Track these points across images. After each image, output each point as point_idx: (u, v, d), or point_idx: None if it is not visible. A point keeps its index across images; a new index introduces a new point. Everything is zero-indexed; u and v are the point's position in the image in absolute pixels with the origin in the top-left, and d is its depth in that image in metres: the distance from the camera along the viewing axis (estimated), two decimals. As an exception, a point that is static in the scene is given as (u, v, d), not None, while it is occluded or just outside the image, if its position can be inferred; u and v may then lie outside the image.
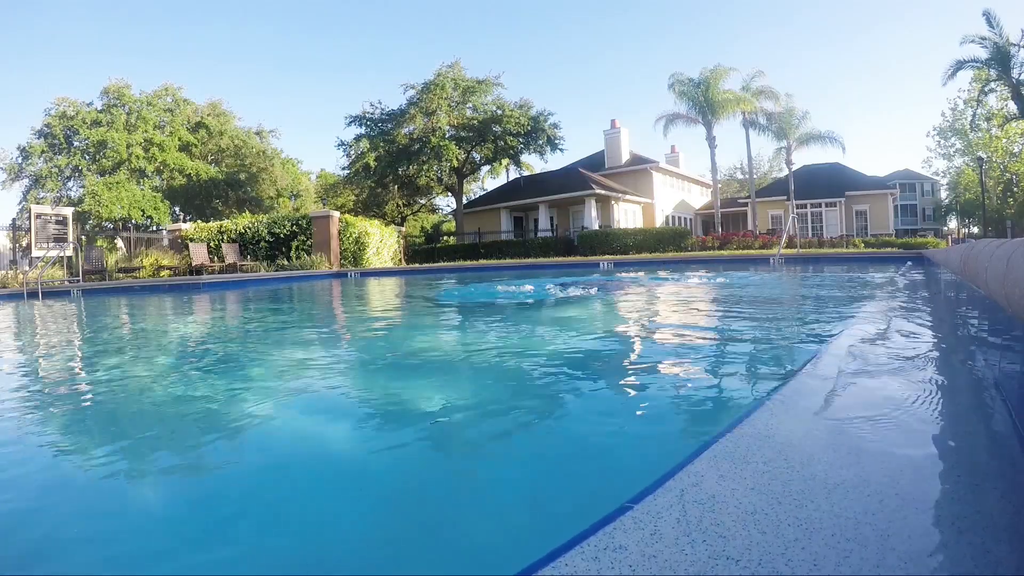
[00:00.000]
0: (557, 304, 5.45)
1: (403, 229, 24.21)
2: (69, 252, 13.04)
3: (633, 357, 2.77)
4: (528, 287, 7.38)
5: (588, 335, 3.58)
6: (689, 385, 2.09)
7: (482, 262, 18.91)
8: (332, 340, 3.97)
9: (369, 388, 2.41)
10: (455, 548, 1.03)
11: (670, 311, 4.66)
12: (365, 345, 3.67)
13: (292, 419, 1.92)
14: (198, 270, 13.34)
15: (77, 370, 3.13)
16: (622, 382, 2.22)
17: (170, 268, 14.35)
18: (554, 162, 42.00)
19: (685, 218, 35.21)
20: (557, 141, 28.33)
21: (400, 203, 35.07)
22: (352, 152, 29.29)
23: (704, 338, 3.21)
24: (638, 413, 1.82)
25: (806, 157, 34.05)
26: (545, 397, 2.08)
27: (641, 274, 10.23)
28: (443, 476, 1.40)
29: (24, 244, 16.03)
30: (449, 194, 33.33)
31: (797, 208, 29.90)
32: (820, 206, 33.40)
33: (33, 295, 9.59)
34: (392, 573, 0.97)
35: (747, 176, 37.39)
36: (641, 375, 2.32)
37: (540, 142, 28.09)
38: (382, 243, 17.93)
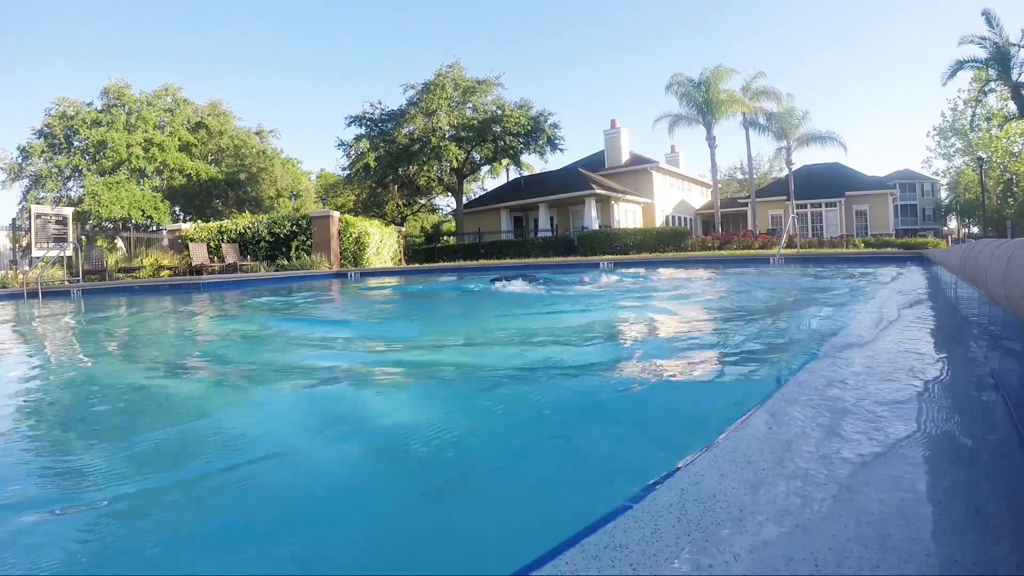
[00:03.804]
0: (555, 303, 5.45)
1: (403, 229, 24.20)
2: (69, 252, 13.03)
3: (631, 356, 2.77)
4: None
5: (586, 334, 3.58)
6: (688, 385, 2.09)
7: (482, 262, 18.91)
8: (331, 338, 3.97)
9: (366, 387, 2.40)
10: (453, 549, 1.03)
11: (669, 310, 4.66)
12: (362, 343, 3.67)
13: (294, 416, 1.92)
14: (198, 270, 13.33)
15: (77, 370, 3.13)
16: (620, 381, 2.22)
17: (170, 268, 14.34)
18: (554, 162, 42.03)
19: (685, 218, 35.20)
20: (557, 141, 28.34)
21: (400, 203, 35.07)
22: (352, 152, 29.28)
23: (703, 337, 3.21)
24: (636, 412, 1.82)
25: (806, 157, 34.12)
26: (542, 396, 2.08)
27: (642, 271, 10.23)
28: (444, 475, 1.40)
29: (24, 244, 16.03)
30: (449, 194, 33.32)
31: (797, 208, 29.90)
32: (820, 206, 33.39)
33: (33, 295, 9.59)
34: (394, 573, 0.97)
35: (747, 176, 37.39)
36: (639, 374, 2.32)
37: (540, 142, 28.08)
38: (382, 243, 17.93)
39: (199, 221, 19.51)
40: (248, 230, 15.59)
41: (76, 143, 25.92)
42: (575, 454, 1.46)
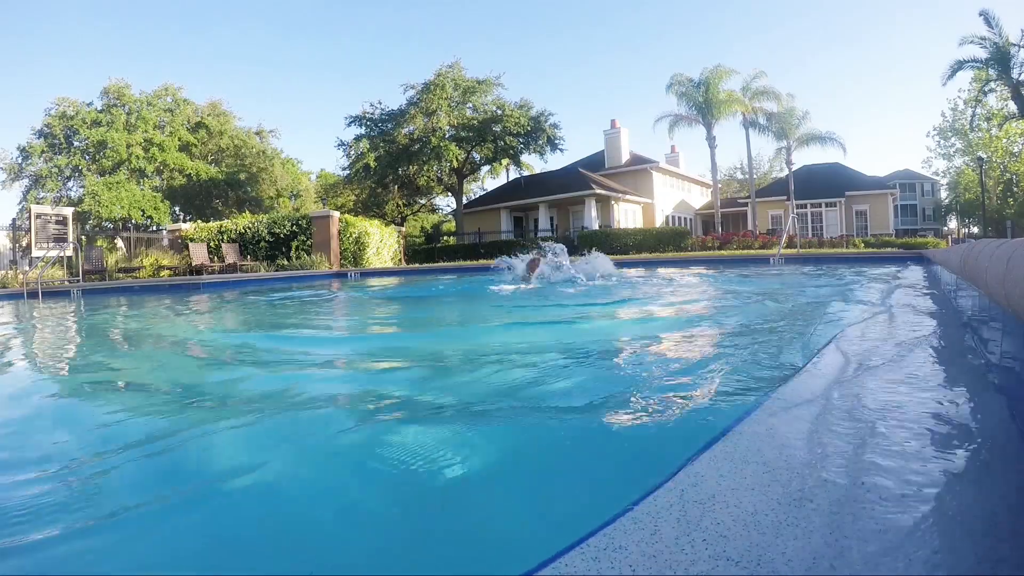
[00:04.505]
0: (554, 300, 5.45)
1: (403, 229, 24.21)
2: (69, 252, 13.04)
3: (629, 355, 2.77)
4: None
5: (585, 332, 3.58)
6: (688, 384, 2.09)
7: (482, 262, 18.91)
8: (332, 336, 3.97)
9: (365, 382, 2.40)
10: (450, 549, 1.03)
11: (668, 310, 4.66)
12: (361, 339, 3.67)
13: (296, 414, 1.92)
14: (198, 270, 13.33)
15: (77, 370, 3.13)
16: (618, 380, 2.22)
17: (170, 268, 14.34)
18: (554, 162, 42.03)
19: (685, 218, 35.20)
20: (557, 141, 28.36)
21: (400, 203, 35.07)
22: (352, 152, 29.31)
23: (702, 337, 3.21)
24: (634, 412, 1.82)
25: (806, 157, 34.14)
26: (539, 396, 2.08)
27: (640, 271, 10.24)
28: (443, 475, 1.40)
29: (24, 244, 16.03)
30: (449, 194, 33.34)
31: (797, 208, 29.91)
32: (820, 206, 33.40)
33: (33, 295, 9.59)
34: (394, 573, 0.97)
35: (747, 176, 37.40)
36: (638, 373, 2.32)
37: (540, 142, 28.10)
38: (382, 243, 17.93)
39: (199, 221, 19.51)
40: (248, 230, 15.59)
41: (76, 143, 25.94)
42: (577, 455, 1.46)
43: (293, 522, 1.15)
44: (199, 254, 13.84)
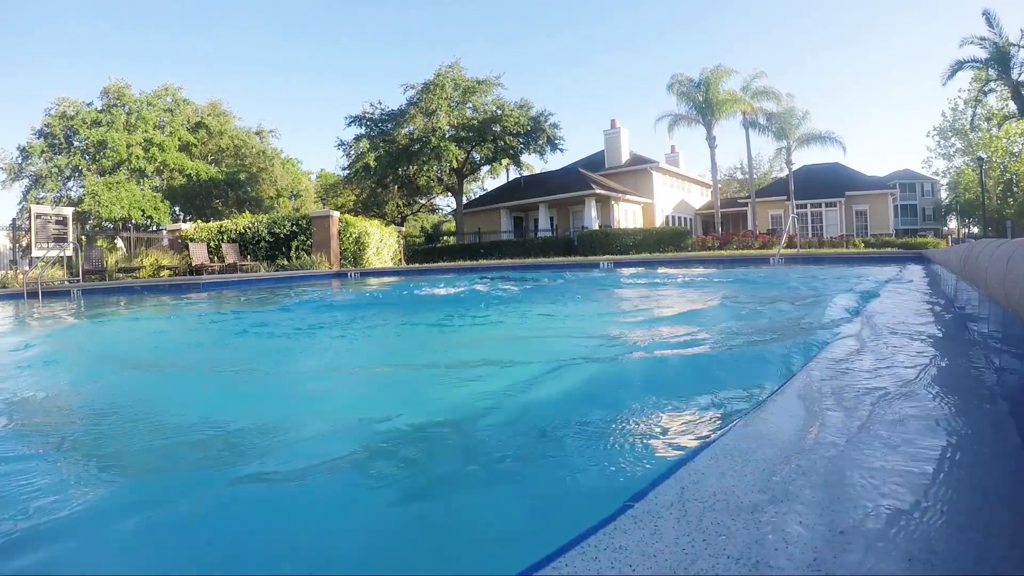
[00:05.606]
0: (554, 301, 5.45)
1: (403, 229, 24.19)
2: (69, 252, 13.02)
3: (631, 356, 2.77)
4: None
5: (585, 333, 3.58)
6: (689, 384, 2.09)
7: (482, 262, 18.90)
8: (334, 336, 3.97)
9: (362, 383, 2.40)
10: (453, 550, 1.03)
11: (669, 310, 4.66)
12: (359, 342, 3.67)
13: (299, 414, 1.92)
14: (198, 270, 13.32)
15: (77, 369, 3.12)
16: (619, 381, 2.22)
17: (170, 268, 14.33)
18: (554, 162, 41.98)
19: (685, 218, 35.19)
20: (557, 141, 28.32)
21: (400, 203, 35.06)
22: (352, 152, 29.27)
23: (703, 337, 3.21)
24: (636, 412, 1.82)
25: (806, 157, 34.07)
26: (540, 395, 2.08)
27: (641, 270, 10.23)
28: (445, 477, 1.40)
29: (24, 244, 16.03)
30: (449, 194, 33.32)
31: (797, 208, 29.89)
32: (820, 206, 33.38)
33: (33, 295, 9.58)
34: (394, 573, 0.96)
35: (747, 176, 37.40)
36: (639, 374, 2.32)
37: (540, 142, 28.07)
38: (382, 243, 17.92)
39: (199, 221, 19.49)
40: (248, 230, 15.59)
41: (76, 143, 25.91)
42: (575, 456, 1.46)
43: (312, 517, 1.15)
44: (199, 254, 13.84)
